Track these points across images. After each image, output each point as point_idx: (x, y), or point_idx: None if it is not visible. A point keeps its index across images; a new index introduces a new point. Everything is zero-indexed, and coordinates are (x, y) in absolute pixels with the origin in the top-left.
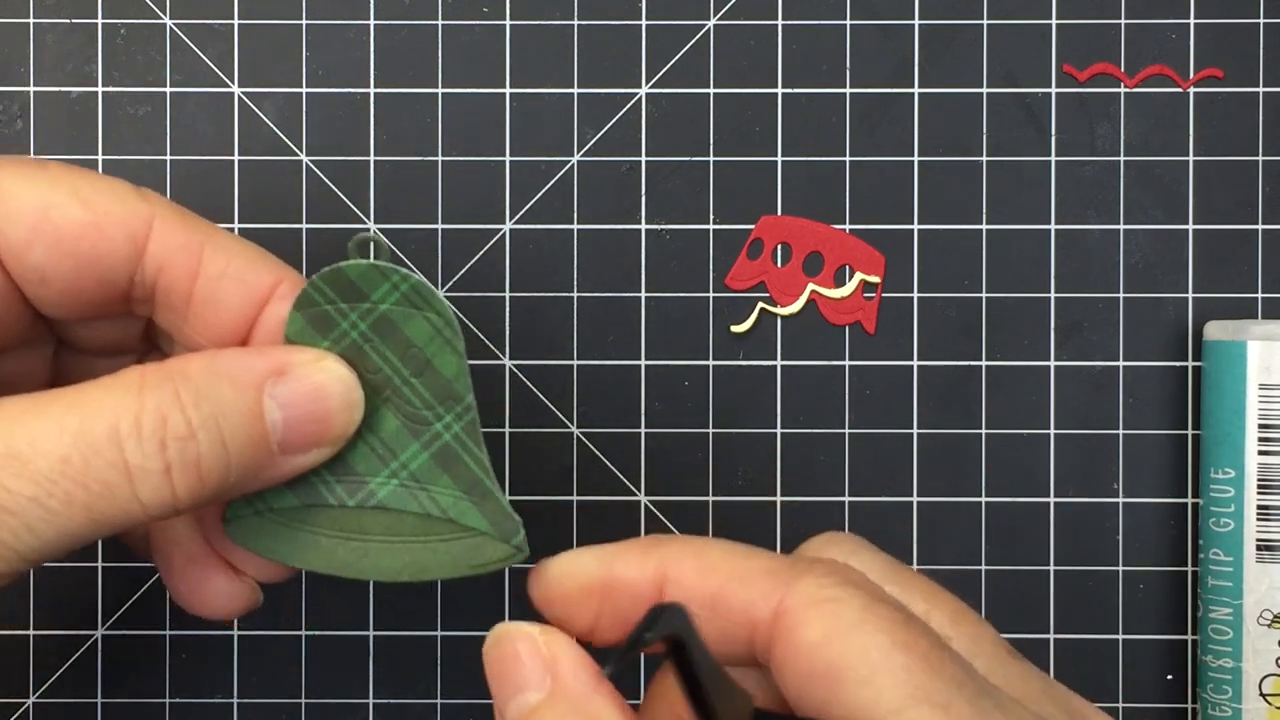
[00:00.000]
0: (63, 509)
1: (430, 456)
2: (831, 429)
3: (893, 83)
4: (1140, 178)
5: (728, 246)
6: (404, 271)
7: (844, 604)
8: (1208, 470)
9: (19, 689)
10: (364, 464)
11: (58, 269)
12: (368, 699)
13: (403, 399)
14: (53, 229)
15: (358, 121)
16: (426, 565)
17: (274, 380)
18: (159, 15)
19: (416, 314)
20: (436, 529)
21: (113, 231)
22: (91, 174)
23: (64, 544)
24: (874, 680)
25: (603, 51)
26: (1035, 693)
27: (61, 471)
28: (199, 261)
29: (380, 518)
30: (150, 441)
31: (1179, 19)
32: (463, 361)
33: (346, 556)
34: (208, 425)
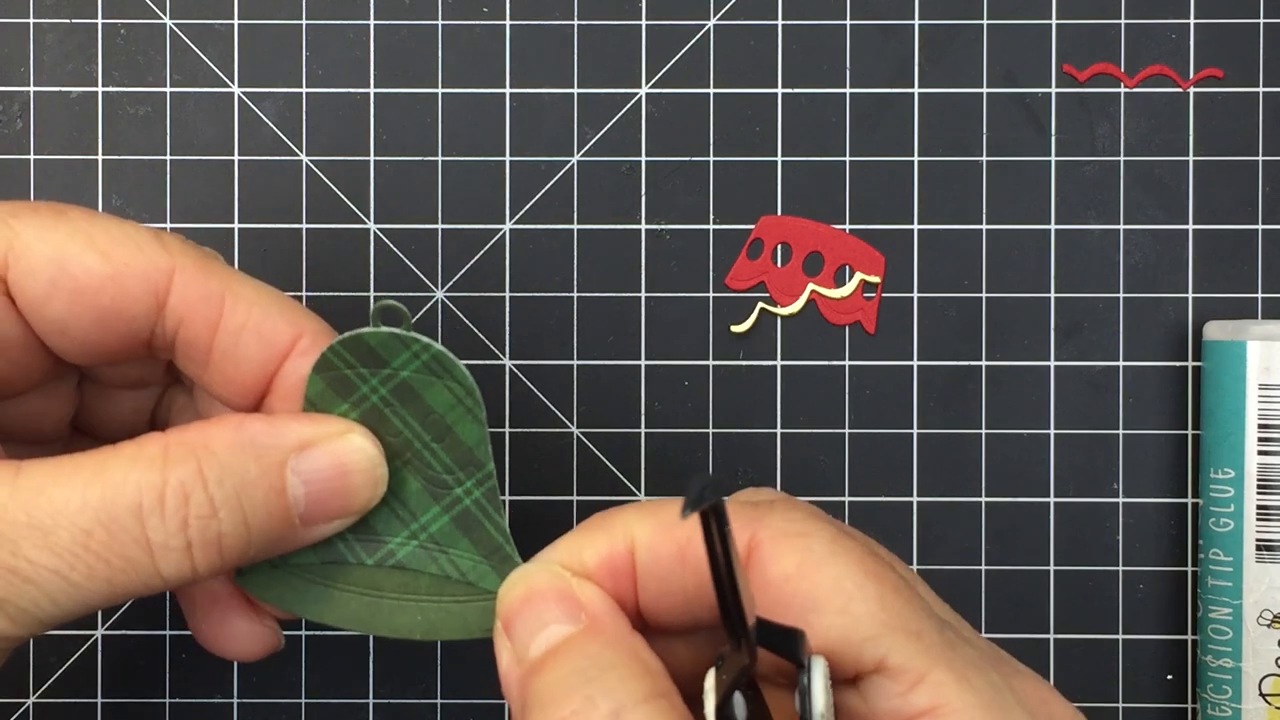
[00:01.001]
0: (85, 581)
1: (451, 520)
2: (831, 429)
3: (893, 83)
4: (1140, 178)
5: (728, 246)
6: (425, 340)
7: (814, 537)
8: (1207, 470)
9: (19, 689)
10: (384, 524)
11: (78, 321)
12: (368, 699)
13: (423, 463)
14: (72, 282)
15: (358, 121)
16: (438, 625)
17: (298, 454)
18: (159, 15)
19: (438, 382)
20: (451, 590)
21: (132, 285)
22: (112, 221)
23: (81, 612)
24: (850, 609)
25: (603, 51)
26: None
27: (84, 545)
28: (220, 314)
29: (396, 576)
30: (173, 519)
31: (1179, 19)
32: (484, 430)
33: (359, 612)
34: (230, 504)
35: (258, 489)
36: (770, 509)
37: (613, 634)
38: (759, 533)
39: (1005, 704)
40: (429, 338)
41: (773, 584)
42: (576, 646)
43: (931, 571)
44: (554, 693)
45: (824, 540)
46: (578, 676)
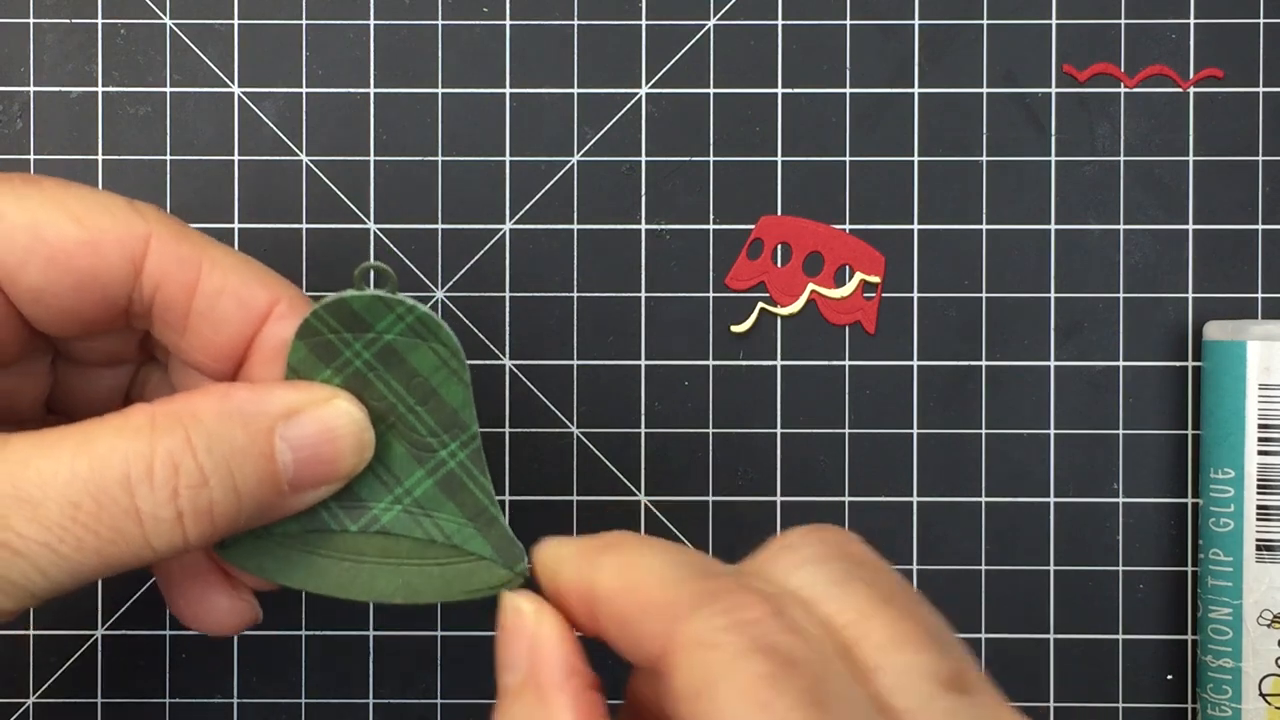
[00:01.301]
0: (74, 554)
1: (435, 483)
2: (831, 429)
3: (893, 83)
4: (1140, 178)
5: (728, 246)
6: (410, 302)
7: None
8: (1207, 470)
9: (19, 689)
10: (368, 490)
11: (54, 288)
12: (368, 699)
13: (408, 426)
14: (46, 248)
15: (358, 121)
16: (419, 588)
17: (285, 421)
18: (159, 15)
19: (422, 344)
20: (434, 553)
21: (108, 250)
22: (85, 190)
23: (73, 584)
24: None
25: (603, 51)
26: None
27: (73, 517)
28: (196, 278)
29: (379, 541)
30: (163, 489)
31: (1179, 19)
32: (468, 391)
33: (340, 577)
34: (220, 472)
35: (247, 456)
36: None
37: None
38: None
39: None
40: (413, 300)
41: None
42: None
43: (931, 571)
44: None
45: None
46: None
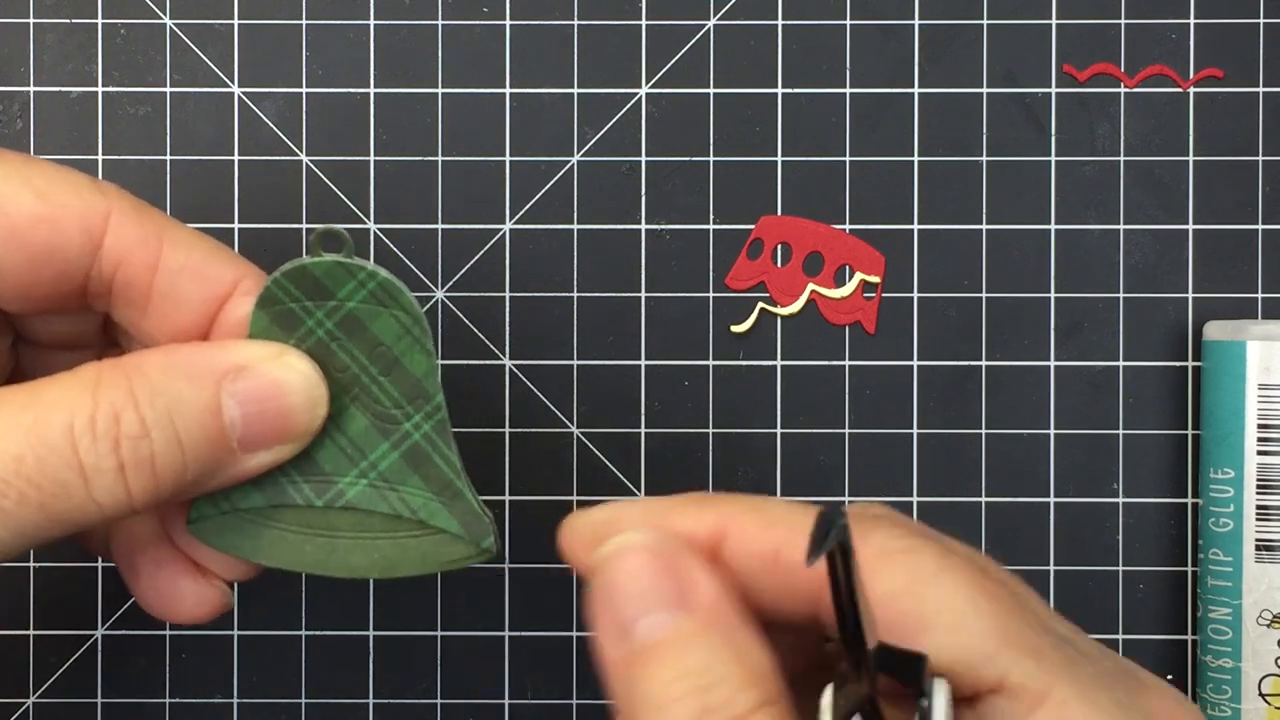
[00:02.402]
0: (16, 508)
1: (400, 456)
2: (831, 429)
3: (893, 83)
4: (1140, 178)
5: (728, 246)
6: (371, 268)
7: (921, 554)
8: (1207, 470)
9: (19, 689)
10: (332, 463)
11: (11, 261)
12: (368, 699)
13: (371, 398)
14: (4, 220)
15: (358, 121)
16: (395, 562)
17: (233, 376)
18: (159, 15)
19: (384, 312)
20: (405, 527)
21: (67, 224)
22: (47, 165)
23: (19, 543)
24: (964, 627)
25: (603, 51)
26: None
27: (15, 470)
28: (158, 256)
29: (348, 516)
30: (104, 440)
31: (1179, 19)
32: (432, 360)
33: (314, 554)
34: (162, 423)
35: (191, 408)
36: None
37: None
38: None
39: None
40: (374, 264)
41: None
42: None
43: None
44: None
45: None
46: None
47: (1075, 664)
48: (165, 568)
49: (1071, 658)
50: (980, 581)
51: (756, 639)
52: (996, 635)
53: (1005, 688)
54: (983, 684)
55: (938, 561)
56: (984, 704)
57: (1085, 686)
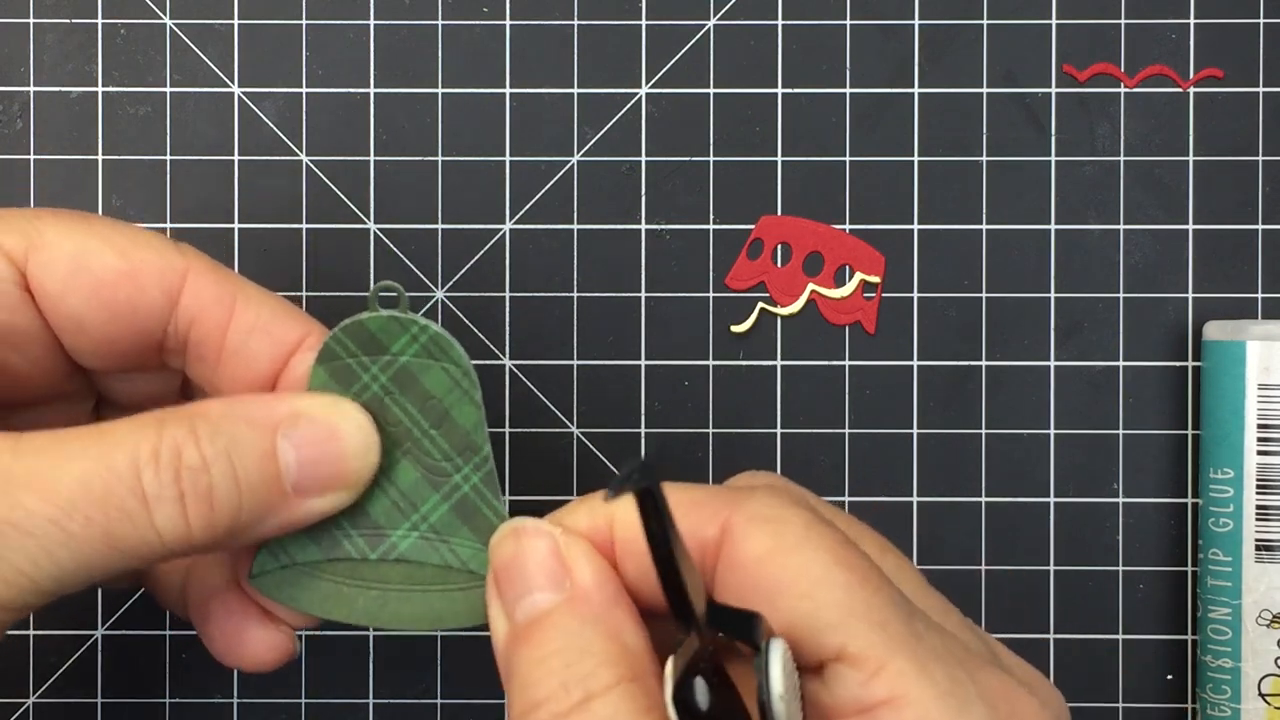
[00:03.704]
0: (81, 532)
1: (450, 508)
2: (831, 429)
3: (893, 83)
4: (1140, 178)
5: (728, 246)
6: (423, 322)
7: (787, 523)
8: (1207, 470)
9: (19, 689)
10: (385, 517)
11: (94, 317)
12: (368, 699)
13: (422, 451)
14: (89, 277)
15: (358, 121)
16: (443, 614)
17: (290, 422)
18: (159, 15)
19: (435, 365)
20: (455, 579)
21: (147, 282)
22: (129, 226)
23: (82, 573)
24: (815, 595)
25: (603, 51)
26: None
27: (83, 495)
28: (230, 315)
29: (400, 569)
30: (166, 470)
31: (1179, 19)
32: (480, 412)
33: (366, 605)
34: (220, 460)
35: (249, 448)
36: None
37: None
38: (733, 516)
39: (965, 696)
40: (426, 319)
41: (743, 567)
42: (558, 623)
43: (931, 571)
44: (533, 674)
45: (796, 526)
46: (556, 659)
47: (919, 638)
48: (236, 615)
49: (917, 632)
50: (840, 553)
51: (630, 620)
52: (844, 605)
53: (845, 656)
54: (826, 651)
55: (801, 531)
56: (829, 671)
57: (923, 659)
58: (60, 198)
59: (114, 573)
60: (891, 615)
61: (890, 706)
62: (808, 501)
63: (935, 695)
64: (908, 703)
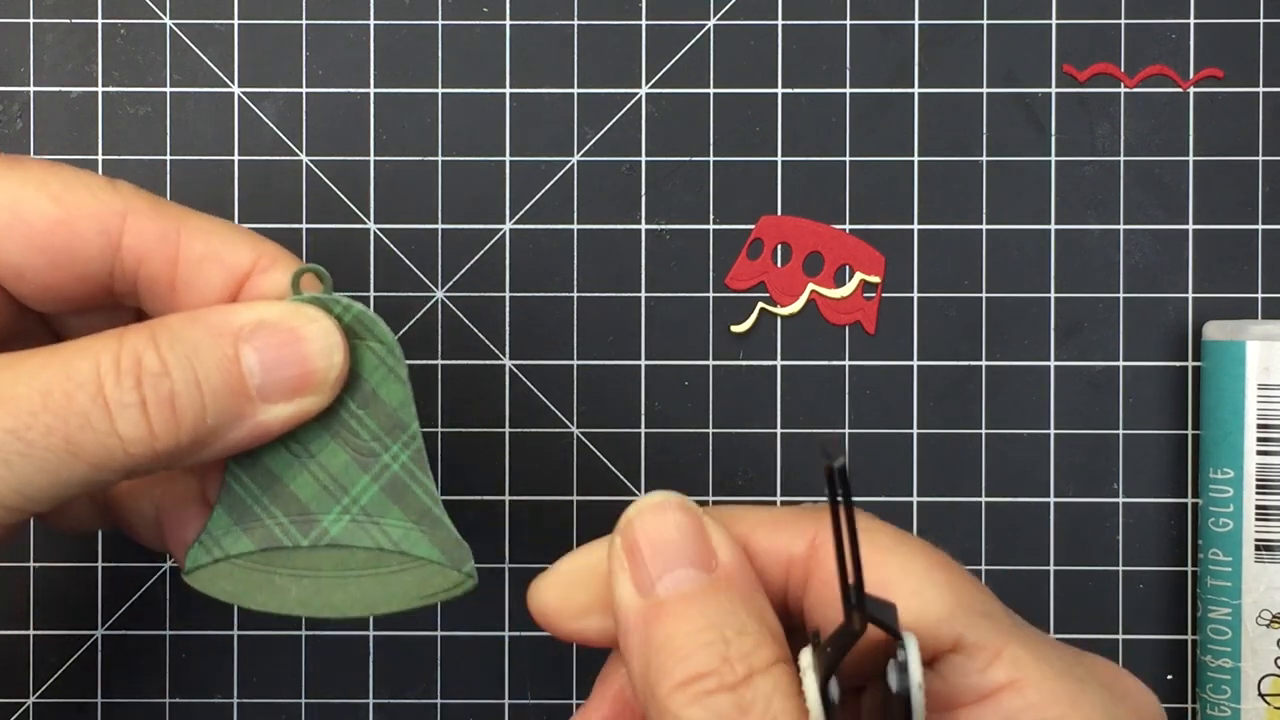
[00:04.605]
0: (42, 441)
1: (380, 489)
2: (831, 429)
3: (893, 83)
4: (1140, 178)
5: (728, 246)
6: (345, 302)
7: (878, 531)
8: (1207, 470)
9: (19, 689)
10: (315, 501)
11: (32, 265)
12: (368, 699)
13: (350, 432)
14: (24, 225)
15: (358, 121)
16: (376, 598)
17: (251, 328)
18: (159, 15)
19: (361, 344)
20: (387, 561)
21: (84, 226)
22: (63, 168)
23: (51, 488)
24: (921, 592)
25: (603, 51)
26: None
27: (43, 404)
28: (177, 248)
29: (333, 554)
30: (127, 376)
31: (1179, 19)
32: (407, 389)
33: (300, 595)
34: (182, 364)
35: (210, 354)
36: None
37: (744, 590)
38: (821, 533)
39: (1081, 676)
40: (350, 299)
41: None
42: (710, 598)
43: None
44: (687, 645)
45: (887, 533)
46: (712, 633)
47: (1024, 627)
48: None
49: (1020, 622)
50: (932, 555)
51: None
52: (951, 600)
53: (962, 646)
54: (941, 644)
55: (894, 537)
56: (943, 663)
57: (1035, 645)
58: None
59: (80, 486)
60: (995, 608)
61: (1013, 689)
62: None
63: (1054, 674)
64: (1029, 683)
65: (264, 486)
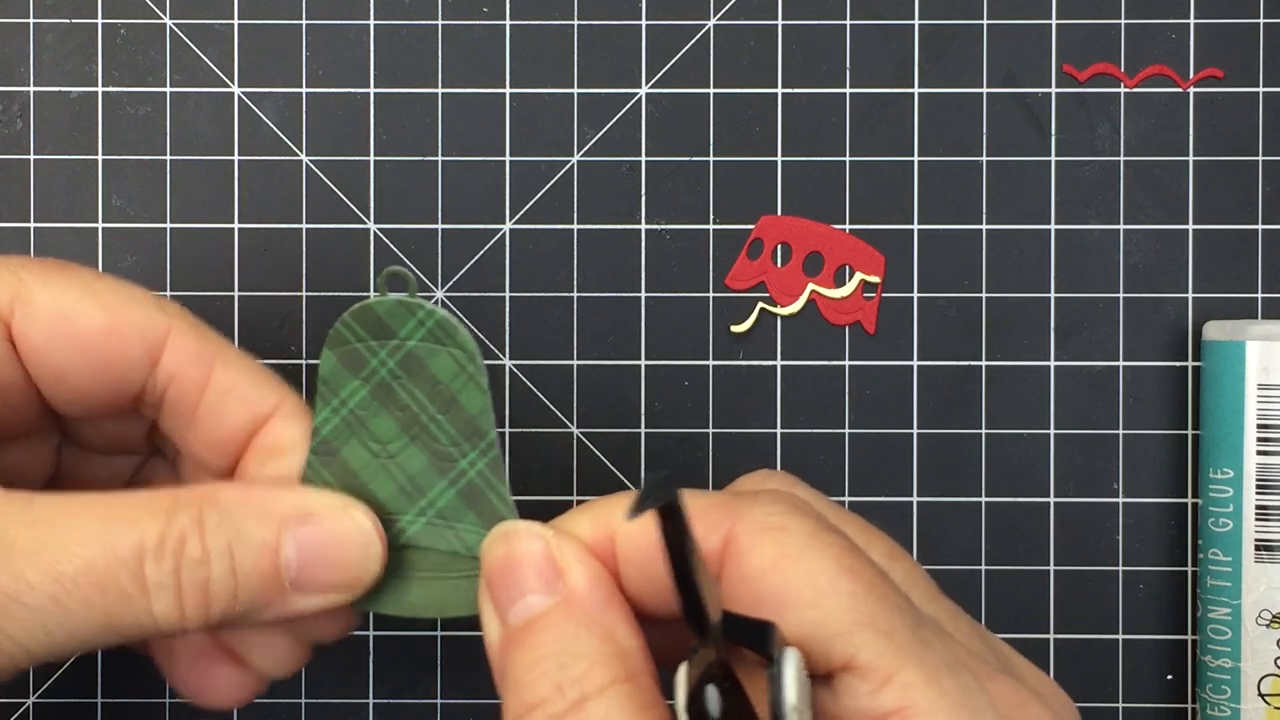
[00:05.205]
0: (80, 610)
1: (456, 494)
2: (831, 429)
3: (893, 83)
4: (1140, 178)
5: (728, 246)
6: (429, 307)
7: (791, 531)
8: (1207, 470)
9: (19, 689)
10: (393, 502)
11: (76, 370)
12: (368, 699)
13: (430, 436)
14: (74, 331)
15: (358, 121)
16: (448, 601)
17: (297, 520)
18: (159, 15)
19: (441, 350)
20: (460, 566)
21: (130, 338)
22: (112, 280)
23: (71, 647)
24: (821, 604)
25: (603, 51)
26: (964, 629)
27: (86, 576)
28: (209, 376)
29: (408, 554)
30: (168, 560)
31: (1179, 19)
32: (486, 398)
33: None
34: (222, 555)
35: (251, 543)
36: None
37: (588, 610)
38: (736, 525)
39: (976, 706)
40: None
41: (748, 578)
42: (551, 625)
43: (931, 572)
44: (526, 676)
45: (801, 535)
46: (549, 661)
47: (927, 645)
48: (205, 658)
49: (925, 640)
50: (845, 561)
51: (624, 621)
52: (851, 614)
53: (854, 666)
54: (835, 661)
55: (805, 540)
56: (837, 681)
57: (932, 668)
58: (60, 198)
59: (101, 645)
60: (899, 624)
61: (900, 717)
62: (813, 506)
63: (946, 705)
64: (917, 712)
65: (343, 483)
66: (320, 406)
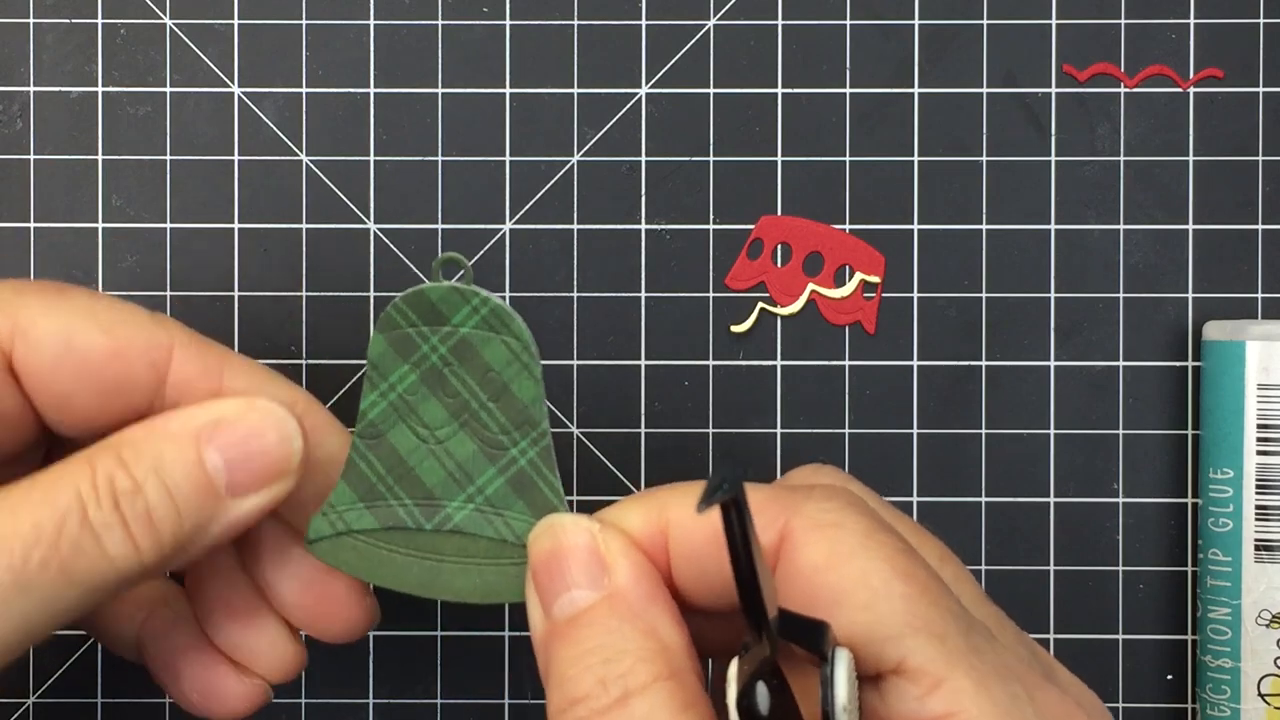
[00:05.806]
0: (39, 573)
1: (506, 482)
2: (831, 429)
3: (893, 83)
4: (1140, 178)
5: (728, 246)
6: (484, 294)
7: (846, 529)
8: (1207, 470)
9: (19, 689)
10: (441, 488)
11: (81, 395)
12: (368, 699)
13: (480, 424)
14: (76, 357)
15: (358, 121)
16: (496, 588)
17: (210, 429)
18: (159, 15)
19: (495, 338)
20: (508, 553)
21: (134, 359)
22: (111, 300)
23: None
24: (875, 606)
25: (603, 51)
26: (1010, 635)
27: (35, 537)
28: (219, 386)
29: (455, 540)
30: (105, 499)
31: (1179, 19)
32: (539, 387)
33: (420, 576)
34: (150, 479)
35: (175, 463)
36: (807, 496)
37: (633, 605)
38: (791, 521)
39: (1024, 715)
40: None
41: (801, 575)
42: (596, 620)
43: None
44: (570, 670)
45: (856, 534)
46: (594, 656)
47: (978, 652)
48: (209, 670)
49: (976, 646)
50: (899, 562)
51: (668, 617)
52: (903, 616)
53: (905, 669)
54: (885, 663)
55: (860, 538)
56: (886, 683)
57: (982, 675)
58: (60, 198)
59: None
60: (951, 628)
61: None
62: (867, 504)
63: (994, 713)
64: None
65: (389, 467)
66: (368, 390)
